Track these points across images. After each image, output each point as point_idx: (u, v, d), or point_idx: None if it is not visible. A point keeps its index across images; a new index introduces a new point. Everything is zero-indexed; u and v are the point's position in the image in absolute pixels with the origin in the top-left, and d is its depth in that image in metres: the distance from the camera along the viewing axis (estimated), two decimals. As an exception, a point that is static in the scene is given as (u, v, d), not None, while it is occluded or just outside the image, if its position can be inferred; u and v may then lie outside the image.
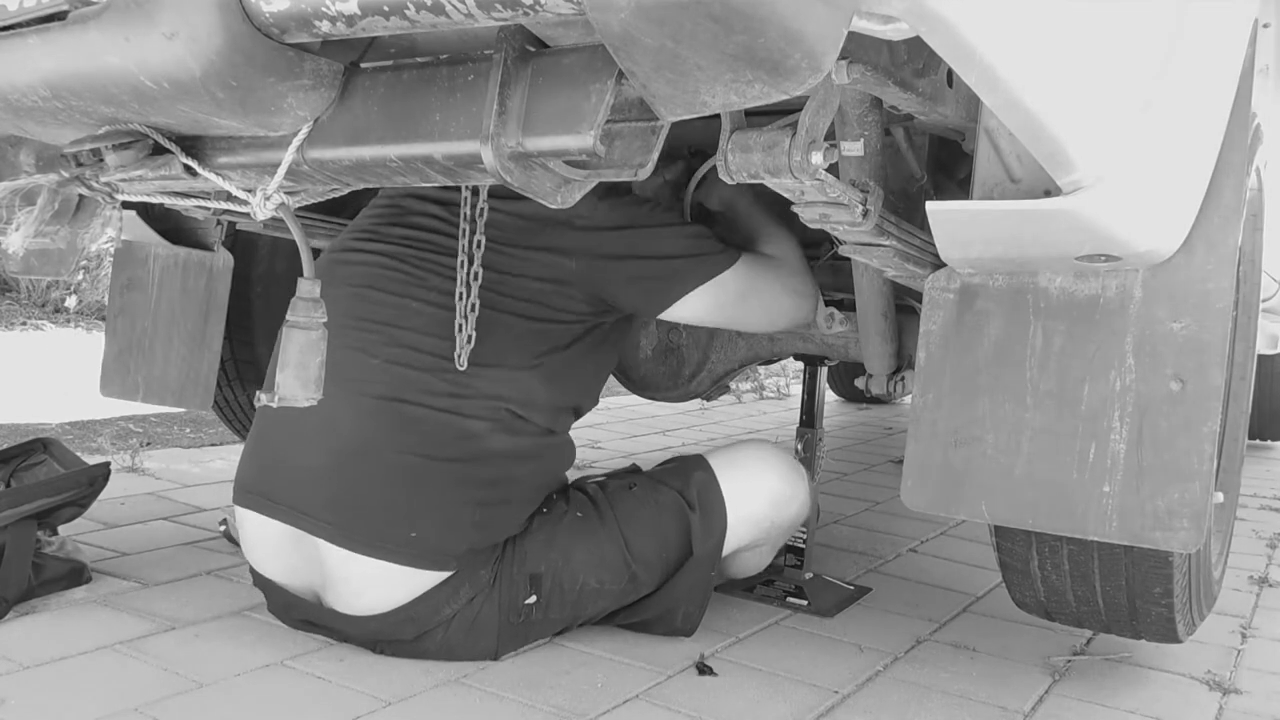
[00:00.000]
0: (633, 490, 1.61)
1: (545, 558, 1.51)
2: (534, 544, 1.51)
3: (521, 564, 1.50)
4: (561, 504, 1.57)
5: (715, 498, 1.61)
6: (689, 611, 1.63)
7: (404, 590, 1.44)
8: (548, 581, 1.51)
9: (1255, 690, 1.58)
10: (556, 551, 1.51)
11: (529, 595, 1.50)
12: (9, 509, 1.63)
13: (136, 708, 1.31)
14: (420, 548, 1.42)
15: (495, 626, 1.49)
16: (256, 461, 1.53)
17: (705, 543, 1.59)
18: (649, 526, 1.57)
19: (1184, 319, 1.14)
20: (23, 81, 0.84)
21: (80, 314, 6.10)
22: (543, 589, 1.51)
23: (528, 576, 1.50)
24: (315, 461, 1.45)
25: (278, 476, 1.49)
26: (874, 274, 1.60)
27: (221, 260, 2.05)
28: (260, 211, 0.95)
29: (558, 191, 0.85)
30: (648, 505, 1.59)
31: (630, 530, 1.55)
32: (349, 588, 1.45)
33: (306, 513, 1.44)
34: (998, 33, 0.78)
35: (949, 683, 1.54)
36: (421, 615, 1.45)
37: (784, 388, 5.26)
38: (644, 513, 1.58)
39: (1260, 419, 3.98)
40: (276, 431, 1.52)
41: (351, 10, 0.72)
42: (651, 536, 1.56)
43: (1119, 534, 1.15)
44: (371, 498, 1.43)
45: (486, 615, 1.48)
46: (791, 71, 0.63)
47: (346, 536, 1.42)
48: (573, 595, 1.53)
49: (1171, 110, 1.05)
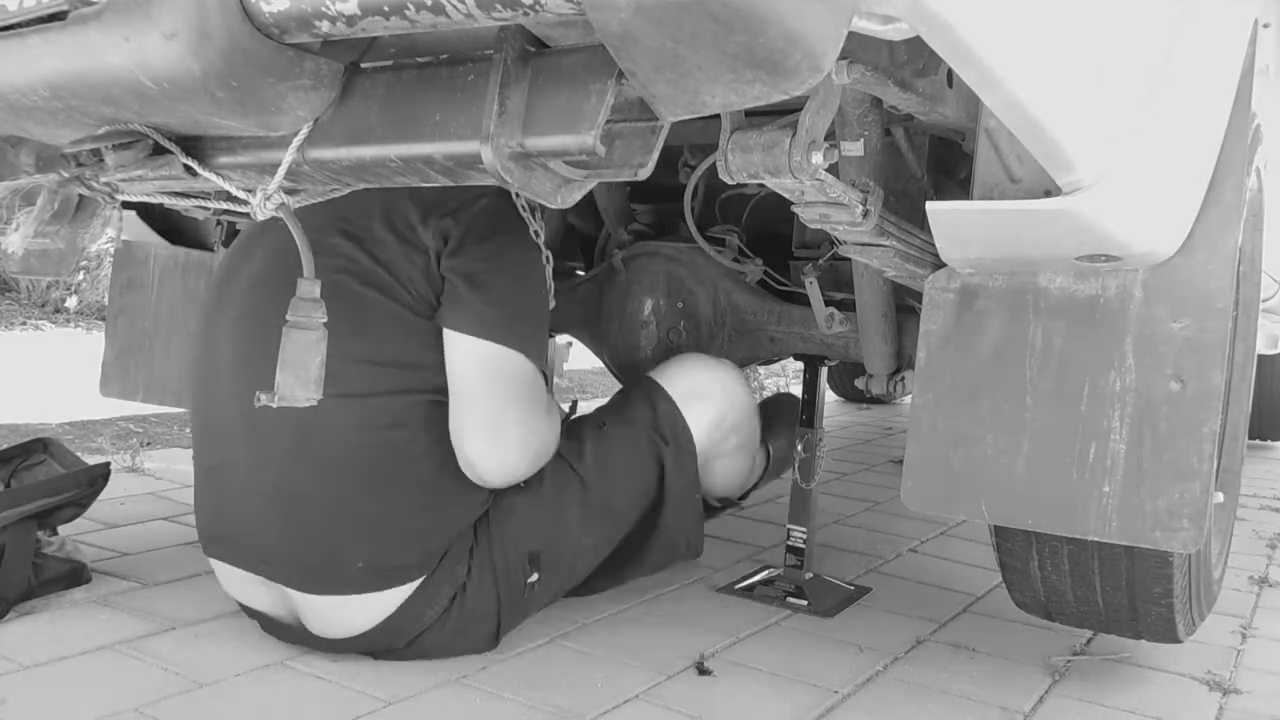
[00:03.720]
0: (604, 430, 1.61)
1: (540, 534, 1.50)
2: (524, 524, 1.48)
3: (515, 545, 1.47)
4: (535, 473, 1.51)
5: (681, 425, 1.64)
6: (690, 538, 1.68)
7: (374, 613, 1.42)
8: (547, 556, 1.51)
9: (1255, 690, 1.58)
10: (550, 525, 1.50)
11: (530, 574, 1.49)
12: (9, 509, 1.63)
13: (136, 708, 1.31)
14: (372, 574, 1.40)
15: (494, 612, 1.48)
16: (205, 507, 1.50)
17: (682, 474, 1.63)
18: (627, 469, 1.59)
19: (1184, 319, 1.14)
20: (23, 81, 0.84)
21: (80, 314, 6.10)
22: (542, 565, 1.51)
23: (525, 556, 1.48)
24: (252, 507, 1.42)
25: (227, 524, 1.47)
26: (874, 274, 1.60)
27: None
28: (260, 211, 0.95)
29: (558, 191, 0.85)
30: (623, 447, 1.60)
31: (609, 478, 1.57)
32: (321, 618, 1.45)
33: (263, 560, 1.43)
34: (998, 33, 0.78)
35: (949, 683, 1.54)
36: (402, 625, 1.44)
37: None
38: (620, 457, 1.59)
39: (1260, 419, 3.98)
40: (212, 469, 1.48)
41: (351, 10, 0.72)
42: (632, 478, 1.59)
43: (1119, 534, 1.16)
44: (310, 538, 1.39)
45: (482, 604, 1.47)
46: (791, 71, 0.63)
47: (297, 579, 1.41)
48: (569, 560, 1.55)
49: (1171, 110, 1.05)
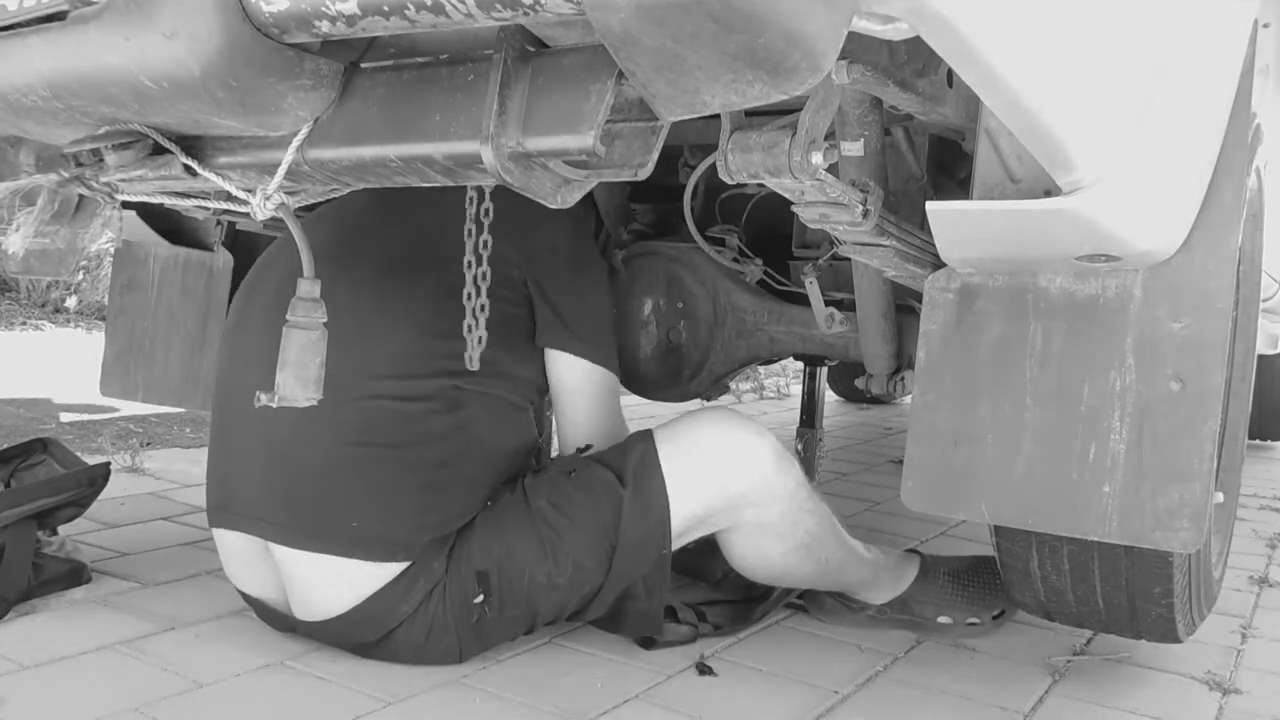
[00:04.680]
0: (571, 476, 1.50)
1: (489, 554, 1.44)
2: (478, 540, 1.45)
3: (468, 561, 1.44)
4: (506, 495, 1.49)
5: (652, 471, 1.47)
6: (642, 608, 1.52)
7: (354, 588, 1.41)
8: (495, 578, 1.44)
9: (1255, 690, 1.58)
10: (500, 547, 1.45)
11: (476, 594, 1.44)
12: (9, 509, 1.63)
13: (136, 708, 1.31)
14: (362, 536, 1.39)
15: (453, 625, 1.45)
16: (214, 476, 1.52)
17: (641, 523, 1.46)
18: (585, 512, 1.46)
19: (1184, 319, 1.14)
20: (23, 81, 0.84)
21: (80, 314, 6.10)
22: (490, 586, 1.45)
23: (474, 574, 1.44)
24: (258, 463, 1.44)
25: (231, 486, 1.48)
26: (874, 274, 1.60)
27: (221, 260, 2.05)
28: (260, 211, 0.95)
29: (558, 191, 0.85)
30: (582, 489, 1.48)
31: (565, 519, 1.45)
32: (302, 590, 1.44)
33: (257, 516, 1.43)
34: (998, 33, 0.78)
35: (949, 683, 1.54)
36: (377, 613, 1.42)
37: (784, 388, 5.26)
38: (578, 498, 1.47)
39: (1260, 419, 3.98)
40: (225, 441, 1.51)
41: (351, 10, 0.72)
42: (589, 523, 1.45)
43: (1119, 534, 1.16)
44: (310, 489, 1.40)
45: (441, 615, 1.44)
46: (791, 71, 0.63)
47: (288, 533, 1.41)
48: (523, 593, 1.45)
49: (1172, 110, 1.05)
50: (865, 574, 1.69)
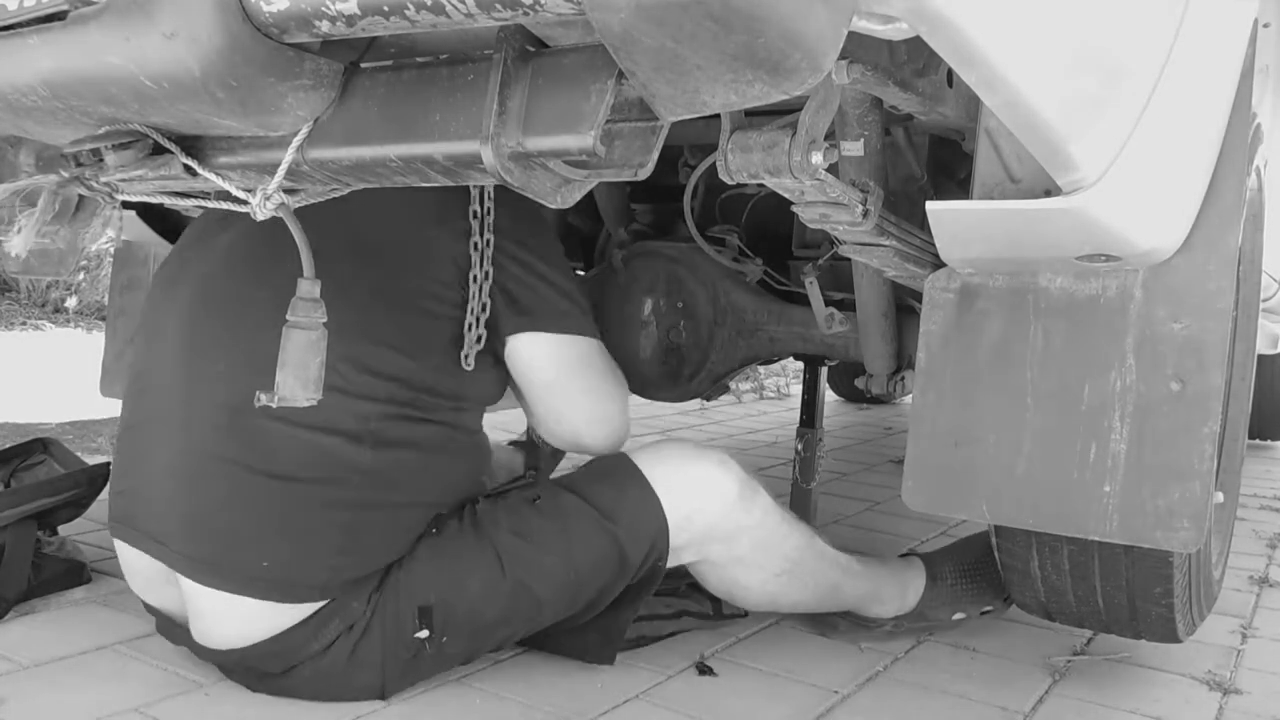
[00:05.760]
0: (535, 504, 1.41)
1: (434, 587, 1.33)
2: (420, 572, 1.34)
3: (408, 596, 1.33)
4: (454, 523, 1.38)
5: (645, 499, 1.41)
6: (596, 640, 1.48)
7: (261, 627, 1.30)
8: (439, 614, 1.33)
9: (1255, 690, 1.58)
10: (446, 581, 1.34)
11: (418, 629, 1.33)
12: (9, 509, 1.63)
13: (136, 708, 1.31)
14: (274, 578, 1.28)
15: (379, 662, 1.33)
16: (117, 484, 1.42)
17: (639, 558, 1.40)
18: (552, 547, 1.37)
19: (1184, 319, 1.14)
20: (23, 81, 0.84)
21: (80, 314, 6.10)
22: (434, 622, 1.33)
23: (415, 609, 1.33)
24: (165, 482, 1.33)
25: (135, 500, 1.37)
26: (874, 274, 1.60)
27: (221, 260, 2.04)
28: (260, 211, 0.94)
29: (558, 191, 0.85)
30: (551, 521, 1.39)
31: (531, 548, 1.37)
32: (205, 622, 1.33)
33: (162, 541, 1.32)
34: (998, 33, 0.78)
35: (949, 683, 1.54)
36: (285, 651, 1.31)
37: (784, 388, 5.26)
38: (546, 531, 1.38)
39: (1260, 419, 3.98)
40: (133, 445, 1.40)
41: (351, 10, 0.72)
42: (555, 559, 1.37)
43: (1119, 534, 1.16)
44: (217, 521, 1.29)
45: (366, 650, 1.32)
46: (791, 71, 0.63)
47: (192, 564, 1.30)
48: (469, 628, 1.36)
49: (1172, 110, 1.05)
50: (865, 588, 1.63)
